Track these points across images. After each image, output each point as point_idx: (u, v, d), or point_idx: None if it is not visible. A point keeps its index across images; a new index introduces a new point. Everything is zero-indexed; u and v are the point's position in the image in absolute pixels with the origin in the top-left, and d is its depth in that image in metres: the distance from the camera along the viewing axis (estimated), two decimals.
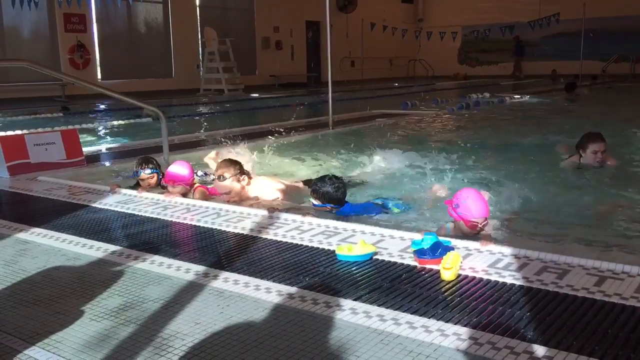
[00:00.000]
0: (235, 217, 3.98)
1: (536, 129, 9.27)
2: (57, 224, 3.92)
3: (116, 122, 11.61)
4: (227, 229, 3.71)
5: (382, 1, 30.14)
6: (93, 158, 6.77)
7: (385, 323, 2.31)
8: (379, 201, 4.34)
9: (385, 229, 3.56)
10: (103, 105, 15.53)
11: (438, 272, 2.81)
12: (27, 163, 5.81)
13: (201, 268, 3.00)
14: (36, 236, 3.67)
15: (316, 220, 3.82)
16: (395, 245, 3.29)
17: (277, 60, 25.30)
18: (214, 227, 3.76)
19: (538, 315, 2.34)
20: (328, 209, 4.07)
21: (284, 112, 13.40)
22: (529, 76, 27.05)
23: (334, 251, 3.14)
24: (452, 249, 3.01)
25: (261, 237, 3.52)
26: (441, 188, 4.79)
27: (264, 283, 2.76)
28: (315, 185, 4.14)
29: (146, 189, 4.90)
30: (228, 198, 4.60)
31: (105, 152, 7.46)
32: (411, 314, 2.38)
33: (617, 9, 26.17)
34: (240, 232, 3.64)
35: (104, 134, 10.20)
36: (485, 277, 2.77)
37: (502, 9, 29.72)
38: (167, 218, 4.04)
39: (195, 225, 3.86)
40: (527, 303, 2.46)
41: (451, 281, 2.73)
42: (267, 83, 24.28)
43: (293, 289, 2.68)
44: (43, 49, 18.69)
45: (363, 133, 9.04)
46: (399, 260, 3.05)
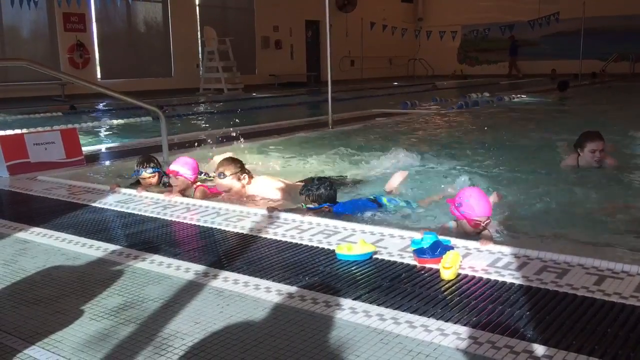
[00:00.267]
0: (235, 217, 3.98)
1: (535, 128, 9.27)
2: (57, 224, 3.92)
3: (116, 122, 11.61)
4: (227, 228, 3.71)
5: (382, 0, 30.12)
6: (93, 157, 6.77)
7: (384, 322, 2.31)
8: (372, 197, 4.38)
9: (385, 228, 3.56)
10: (102, 104, 15.53)
11: (438, 272, 2.81)
12: (27, 162, 5.81)
13: (201, 267, 3.00)
14: (36, 236, 3.67)
15: (316, 219, 3.82)
16: (394, 244, 3.29)
17: (277, 59, 25.29)
18: (214, 227, 3.76)
19: (538, 314, 2.34)
20: (326, 209, 4.10)
21: (284, 112, 13.41)
22: (529, 75, 27.05)
23: (334, 250, 3.14)
24: (452, 248, 3.01)
25: (261, 237, 3.52)
26: (399, 177, 4.85)
27: (264, 282, 2.77)
28: (307, 190, 4.16)
29: (146, 188, 4.90)
30: (228, 196, 4.61)
31: (104, 152, 7.46)
32: (411, 313, 2.38)
33: (617, 8, 26.16)
34: (240, 232, 3.64)
35: (104, 134, 10.20)
36: (485, 277, 2.77)
37: (502, 8, 29.72)
38: (167, 217, 4.04)
39: (195, 224, 3.86)
40: (527, 302, 2.46)
41: (451, 280, 2.73)
42: (267, 82, 24.28)
43: (293, 289, 2.68)
44: (42, 49, 18.68)
45: (363, 132, 9.03)
46: (399, 259, 3.05)
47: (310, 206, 4.08)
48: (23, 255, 3.30)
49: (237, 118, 11.32)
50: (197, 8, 22.68)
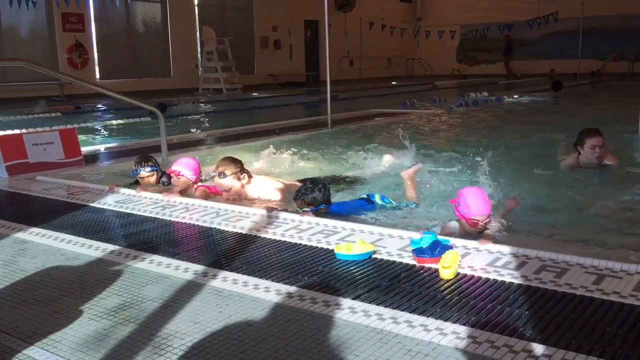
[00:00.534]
0: (234, 217, 3.98)
1: (534, 128, 9.27)
2: (56, 224, 3.92)
3: (115, 122, 11.60)
4: (226, 228, 3.71)
5: (381, 0, 30.12)
6: (91, 158, 6.77)
7: (384, 322, 2.31)
8: (365, 195, 4.39)
9: (384, 228, 3.56)
10: (101, 104, 15.52)
11: (437, 271, 2.81)
12: (26, 163, 5.80)
13: (200, 267, 3.00)
14: (35, 236, 3.66)
15: (315, 219, 3.82)
16: (394, 244, 3.29)
17: (276, 59, 25.29)
18: (213, 227, 3.76)
19: (537, 313, 2.35)
20: (323, 210, 4.11)
21: (283, 112, 13.41)
22: (527, 75, 27.04)
23: (333, 250, 3.14)
24: (451, 248, 3.01)
25: (260, 237, 3.52)
26: (415, 167, 4.87)
27: (263, 282, 2.77)
28: (302, 194, 4.16)
29: (145, 188, 4.89)
30: (227, 196, 4.61)
31: (103, 152, 7.45)
32: (410, 313, 2.38)
33: (616, 8, 26.17)
34: (239, 232, 3.64)
35: (103, 134, 10.19)
36: (484, 276, 2.77)
37: (501, 8, 29.71)
38: (166, 217, 4.03)
39: (194, 224, 3.86)
40: (526, 302, 2.46)
41: (450, 280, 2.74)
42: (266, 82, 24.26)
43: (292, 288, 2.68)
44: (41, 49, 18.66)
45: (362, 132, 9.03)
46: (398, 259, 3.05)
47: (306, 209, 4.08)
48: (22, 255, 3.30)
49: (236, 118, 11.33)
50: (196, 8, 22.66)
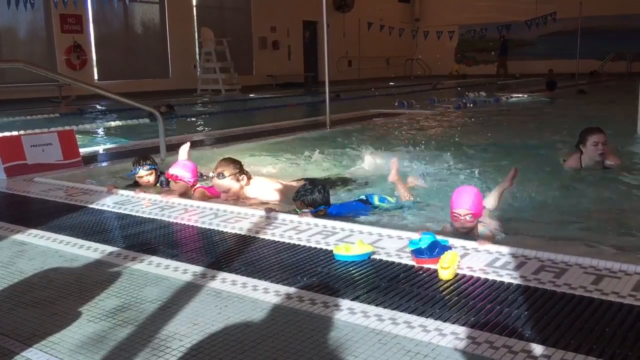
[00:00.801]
0: (233, 218, 3.98)
1: (533, 128, 9.28)
2: (54, 225, 3.91)
3: (113, 123, 11.60)
4: (225, 230, 3.70)
5: (379, 1, 30.14)
6: (90, 159, 6.76)
7: (383, 323, 2.31)
8: (363, 196, 4.39)
9: (382, 229, 3.56)
10: (100, 105, 15.51)
11: (436, 272, 2.81)
12: (24, 164, 5.79)
13: (199, 269, 3.00)
14: (33, 237, 3.66)
15: (314, 220, 3.82)
16: (392, 244, 3.29)
17: (274, 60, 25.29)
18: (212, 228, 3.76)
19: (536, 314, 2.34)
20: (322, 212, 4.12)
21: (281, 112, 13.41)
22: (525, 75, 27.06)
23: (332, 251, 3.14)
24: (450, 248, 3.02)
25: (259, 238, 3.51)
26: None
27: (262, 283, 2.76)
28: (301, 196, 4.16)
29: (144, 189, 4.89)
30: (226, 197, 4.60)
31: (102, 153, 7.45)
32: (409, 314, 2.38)
33: (614, 8, 26.23)
34: (238, 233, 3.63)
35: (101, 135, 10.18)
36: (483, 277, 2.77)
37: (499, 8, 29.77)
38: (165, 219, 4.03)
39: (192, 225, 3.85)
40: (525, 302, 2.46)
41: (449, 280, 2.73)
42: (264, 83, 24.28)
43: (291, 289, 2.68)
44: (39, 50, 18.66)
45: (360, 133, 9.03)
46: (397, 259, 3.05)
47: (305, 210, 4.08)
48: (20, 257, 3.29)
49: (235, 119, 11.32)
50: (194, 9, 22.68)
